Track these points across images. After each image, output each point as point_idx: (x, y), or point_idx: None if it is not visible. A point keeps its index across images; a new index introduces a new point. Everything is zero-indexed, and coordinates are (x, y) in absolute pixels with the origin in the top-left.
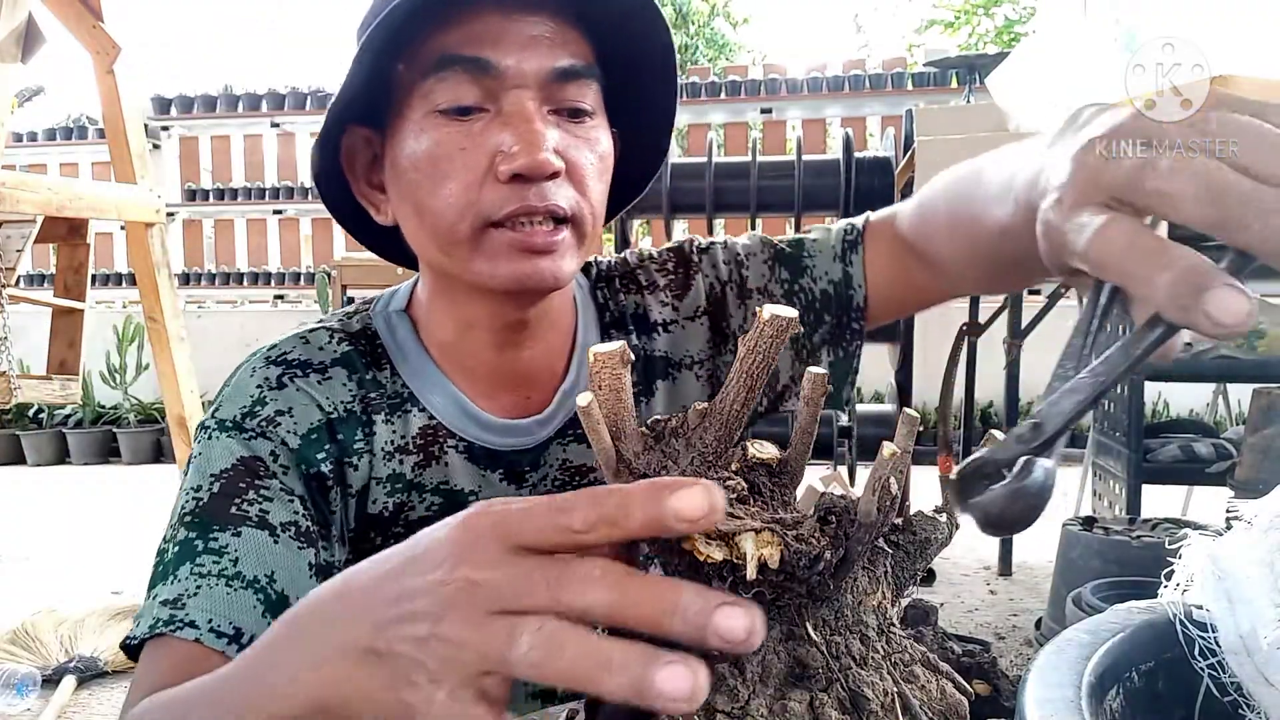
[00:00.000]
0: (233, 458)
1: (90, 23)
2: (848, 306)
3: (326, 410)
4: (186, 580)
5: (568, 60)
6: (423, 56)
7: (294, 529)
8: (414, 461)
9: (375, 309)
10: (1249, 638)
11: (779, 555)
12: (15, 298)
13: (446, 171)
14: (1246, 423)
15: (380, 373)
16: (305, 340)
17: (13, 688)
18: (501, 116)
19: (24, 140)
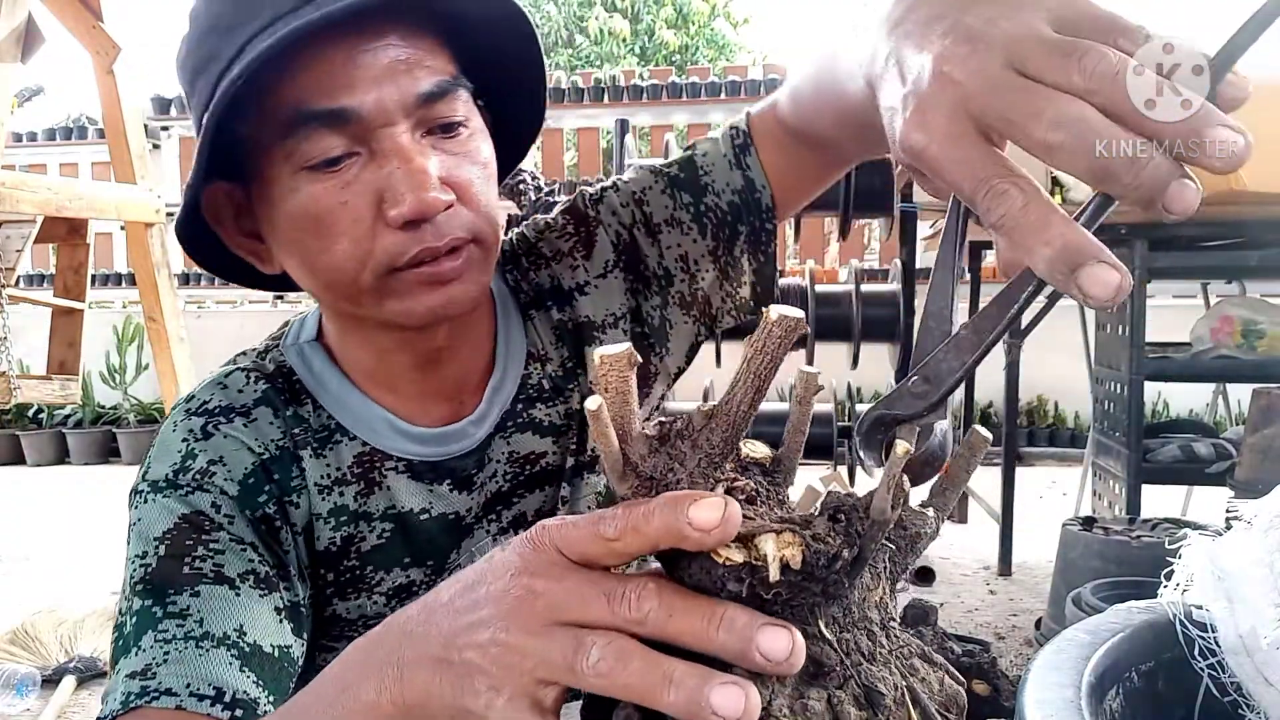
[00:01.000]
0: (173, 517)
1: (90, 23)
2: (757, 210)
3: (258, 452)
4: (152, 649)
5: (430, 81)
6: (276, 113)
7: (253, 577)
8: (355, 491)
9: (285, 343)
10: (1249, 638)
11: (800, 556)
12: (15, 298)
13: (332, 228)
14: (1246, 423)
15: (301, 408)
16: (223, 385)
17: (13, 688)
18: (377, 159)
19: (24, 140)
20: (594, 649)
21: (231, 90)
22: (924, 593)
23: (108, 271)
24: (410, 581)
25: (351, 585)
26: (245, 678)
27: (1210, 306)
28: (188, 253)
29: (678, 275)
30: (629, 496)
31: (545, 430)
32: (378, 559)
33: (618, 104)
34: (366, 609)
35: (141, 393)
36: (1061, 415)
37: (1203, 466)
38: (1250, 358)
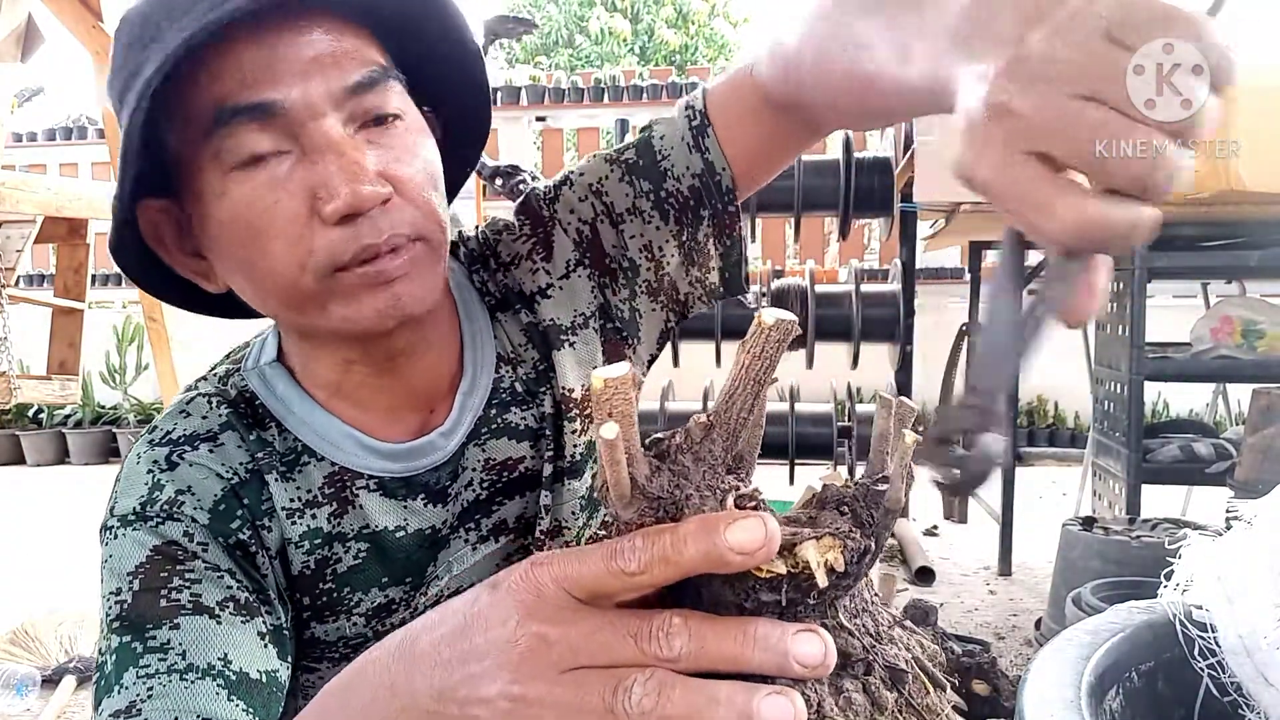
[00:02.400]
0: (145, 550)
1: (90, 23)
2: (719, 193)
3: (227, 477)
4: (134, 686)
5: (358, 72)
6: (197, 113)
7: (233, 604)
8: (328, 512)
9: (246, 367)
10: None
11: (842, 558)
12: (15, 298)
13: (266, 230)
14: (1246, 423)
15: (265, 432)
16: (185, 414)
17: (12, 688)
18: (308, 155)
19: (24, 140)
20: (635, 686)
21: (149, 90)
22: (924, 593)
23: (108, 271)
24: (389, 600)
25: (329, 608)
26: (234, 706)
27: (1210, 306)
28: (128, 275)
29: (643, 264)
30: (634, 520)
31: (521, 435)
32: (355, 580)
33: (618, 104)
34: (346, 630)
35: (141, 393)
36: (1061, 415)
37: (1203, 466)
38: (1250, 358)
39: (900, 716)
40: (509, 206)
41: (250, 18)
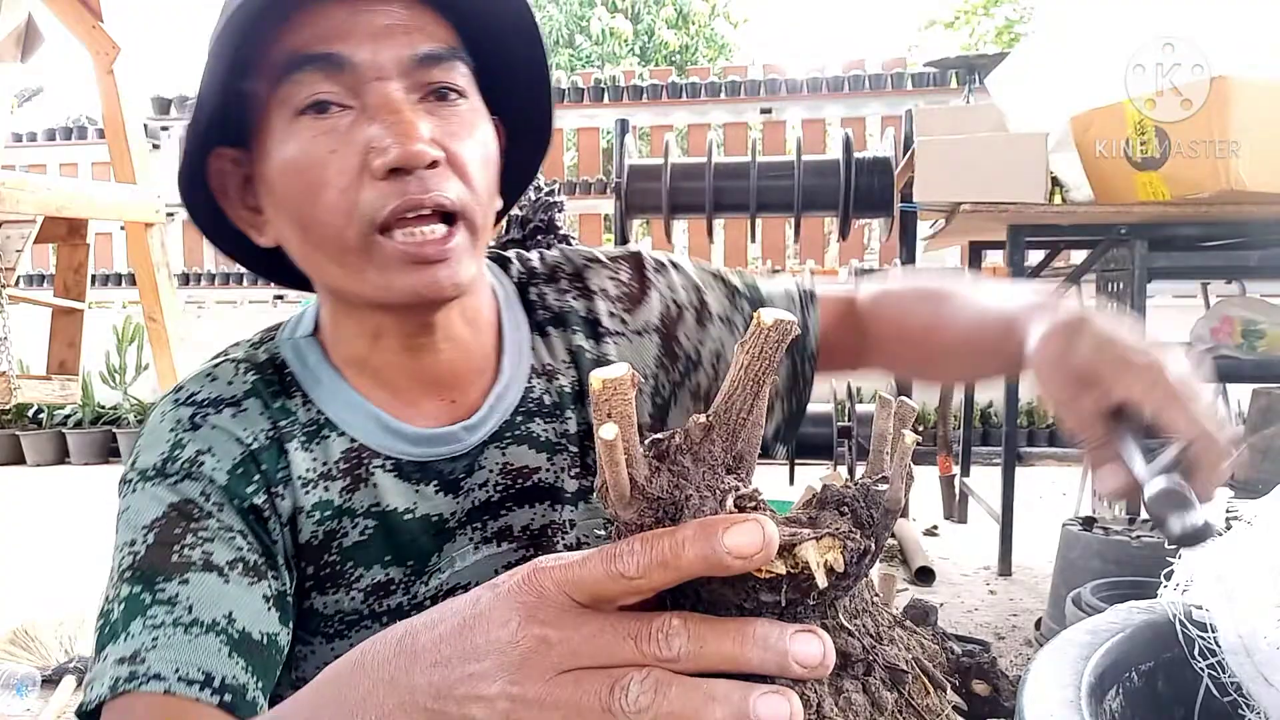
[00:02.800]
0: (162, 505)
1: (90, 23)
2: (804, 352)
3: (246, 442)
4: (140, 635)
5: (427, 45)
6: (273, 62)
7: (241, 565)
8: (340, 486)
9: (281, 336)
10: (1249, 637)
11: (842, 558)
12: (15, 298)
13: (320, 178)
14: (1246, 423)
15: (290, 400)
16: (212, 377)
17: (12, 688)
18: (367, 112)
19: (24, 140)
20: (633, 685)
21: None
22: (924, 593)
23: (108, 271)
24: (389, 580)
25: (330, 580)
26: (234, 664)
27: (1210, 306)
28: (192, 217)
29: (705, 367)
30: (634, 520)
31: (541, 446)
32: (358, 555)
33: (618, 104)
34: (344, 605)
35: (141, 393)
36: None
37: None
38: (1250, 358)
39: (900, 717)
40: None
41: None
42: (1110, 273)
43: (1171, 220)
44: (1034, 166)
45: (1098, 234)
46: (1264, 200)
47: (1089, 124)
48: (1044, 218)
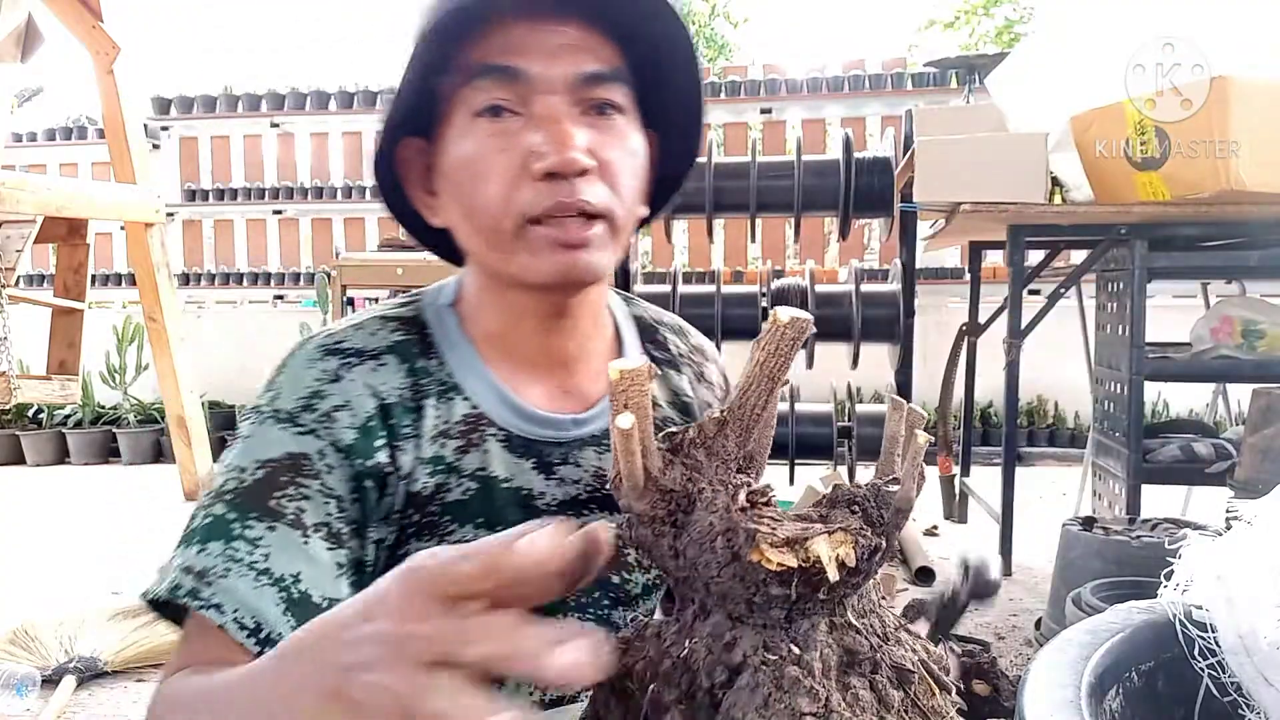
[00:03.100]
0: (282, 450)
1: (90, 23)
2: None
3: (381, 396)
4: (217, 558)
5: (593, 65)
6: (462, 68)
7: (325, 530)
8: (455, 446)
9: (425, 301)
10: (1249, 638)
11: (854, 554)
12: (15, 298)
13: (486, 173)
14: (1246, 423)
15: (429, 360)
16: (359, 327)
17: (12, 688)
18: (534, 120)
19: (24, 140)
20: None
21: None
22: (924, 593)
23: (108, 271)
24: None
25: (428, 529)
26: (285, 621)
27: (1210, 306)
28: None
29: None
30: (646, 512)
31: None
32: (456, 512)
33: None
34: None
35: (141, 393)
36: (1061, 415)
37: (1203, 466)
38: (1250, 358)
39: (907, 716)
40: None
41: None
42: (1110, 273)
43: (1171, 220)
44: (1034, 166)
45: (1098, 234)
46: (1264, 200)
47: (1089, 124)
48: (1044, 218)
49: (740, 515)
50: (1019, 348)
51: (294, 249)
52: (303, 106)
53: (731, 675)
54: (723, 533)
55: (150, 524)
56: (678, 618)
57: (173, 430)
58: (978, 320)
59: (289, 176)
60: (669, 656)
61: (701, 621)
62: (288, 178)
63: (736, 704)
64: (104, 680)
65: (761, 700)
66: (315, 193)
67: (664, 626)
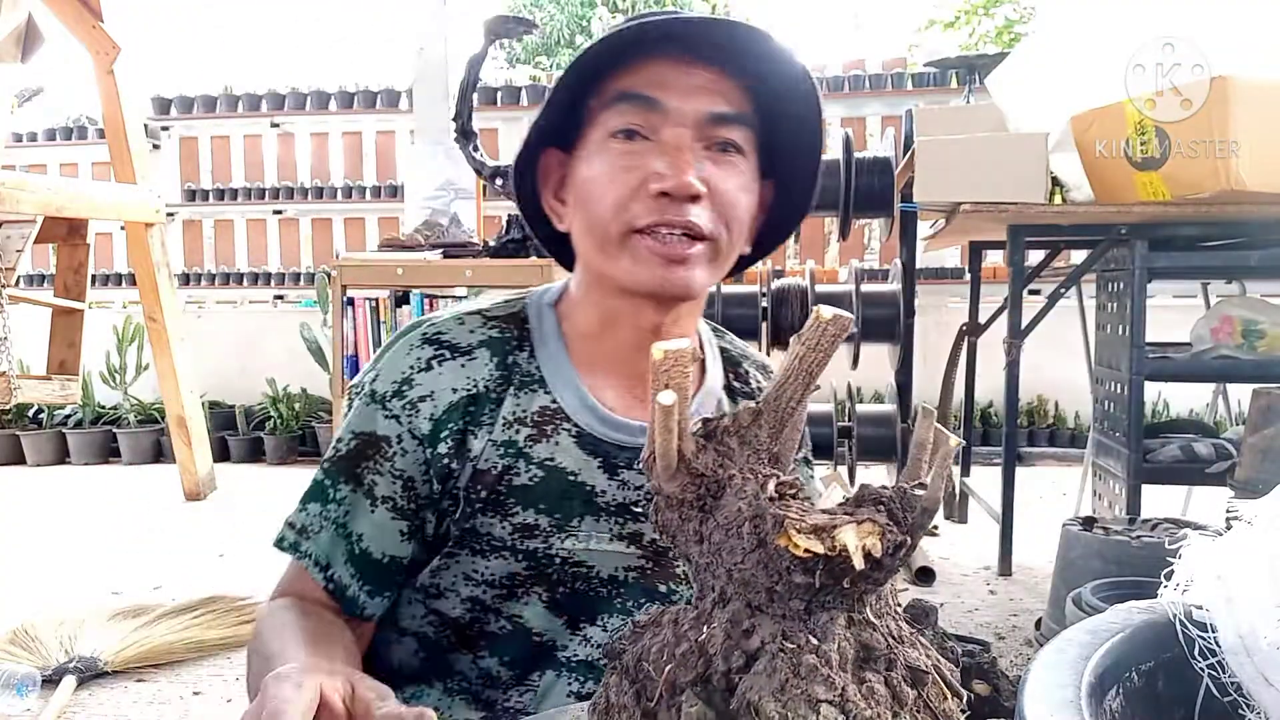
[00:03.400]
0: (370, 426)
1: (90, 23)
2: None
3: (465, 389)
4: (315, 518)
5: (722, 107)
6: (607, 93)
7: (391, 504)
8: (527, 434)
9: (530, 299)
10: (1249, 638)
11: (880, 545)
12: (15, 298)
13: (609, 185)
14: (1246, 423)
15: (521, 354)
16: (461, 321)
17: (13, 688)
18: (660, 146)
19: (24, 140)
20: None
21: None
22: (924, 593)
23: (108, 271)
24: (535, 524)
25: (494, 507)
26: (346, 570)
27: (1210, 306)
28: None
29: None
30: (675, 495)
31: None
32: (520, 494)
33: None
34: (495, 531)
35: (141, 393)
36: (1061, 415)
37: (1203, 466)
38: (1250, 358)
39: (919, 716)
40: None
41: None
42: (1110, 273)
43: (1171, 220)
44: (1034, 166)
45: (1098, 234)
46: (1264, 200)
47: (1089, 124)
48: (1044, 218)
49: (769, 503)
50: (1019, 348)
51: (294, 249)
52: (303, 106)
53: (749, 661)
54: (751, 519)
55: (150, 524)
56: (696, 605)
57: (173, 430)
58: (978, 320)
59: (289, 176)
60: (686, 640)
61: (720, 609)
62: (288, 178)
63: (753, 688)
64: (104, 680)
65: (778, 685)
66: (315, 193)
67: (681, 612)
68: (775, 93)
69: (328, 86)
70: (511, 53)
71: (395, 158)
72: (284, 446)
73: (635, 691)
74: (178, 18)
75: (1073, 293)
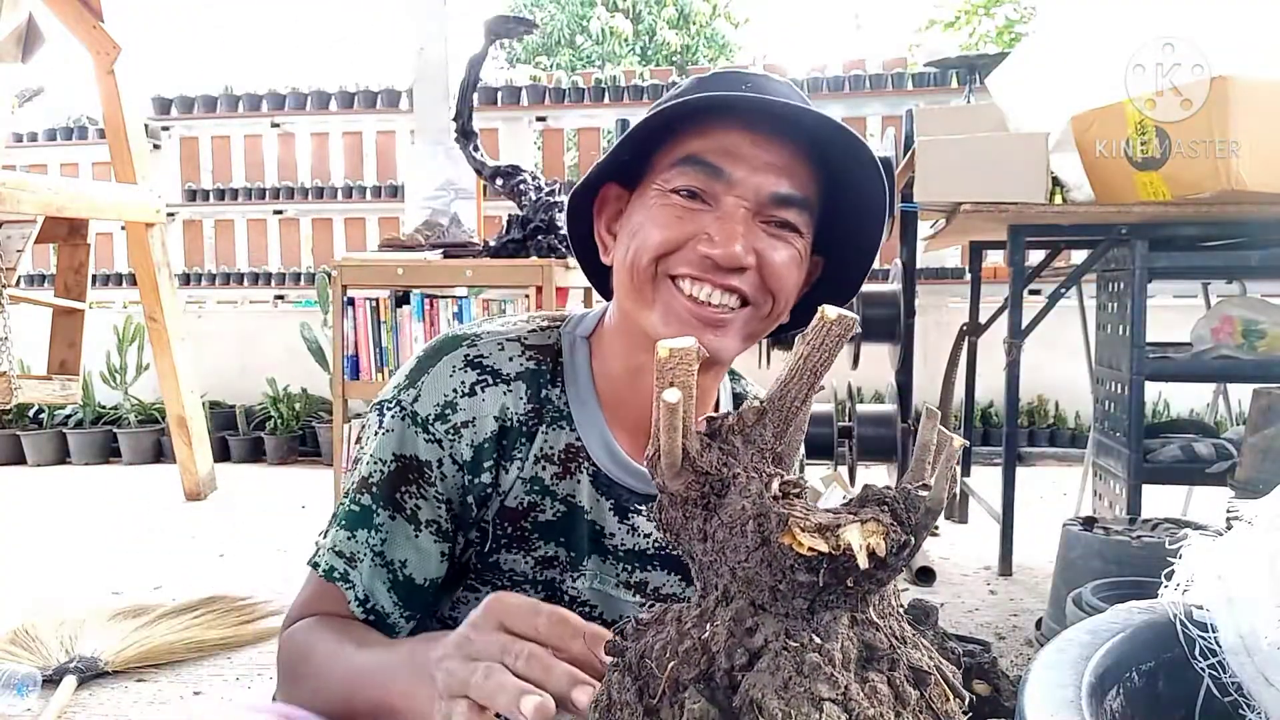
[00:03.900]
0: (413, 451)
1: (90, 23)
2: None
3: (504, 420)
4: (361, 545)
5: (787, 188)
6: (676, 150)
7: (434, 527)
8: (553, 471)
9: (565, 329)
10: (1249, 638)
11: (884, 544)
12: (16, 298)
13: (658, 230)
14: (1247, 423)
15: (553, 389)
16: (502, 348)
17: (13, 688)
18: (717, 212)
19: (24, 140)
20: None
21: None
22: (924, 593)
23: (108, 271)
24: (554, 556)
25: (518, 543)
26: (389, 598)
27: (1211, 306)
28: (568, 219)
29: None
30: (680, 492)
31: None
32: (543, 530)
33: (618, 104)
34: (517, 565)
35: (142, 393)
36: (1062, 415)
37: (1203, 466)
38: (1251, 358)
39: (921, 717)
40: (509, 206)
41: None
42: (1110, 273)
43: (1172, 220)
44: (1034, 166)
45: (1098, 234)
46: (1264, 200)
47: (1089, 124)
48: (1044, 218)
49: (773, 502)
50: (1019, 348)
51: (294, 249)
52: (303, 106)
53: (752, 659)
54: (755, 517)
55: (151, 524)
56: (699, 603)
57: (173, 430)
58: (978, 320)
59: (289, 176)
60: (689, 638)
61: (724, 607)
62: (288, 178)
63: (756, 685)
64: (104, 680)
65: (781, 683)
66: (316, 193)
67: (684, 611)
68: (841, 179)
69: (328, 86)
70: (511, 53)
71: (395, 158)
72: (284, 446)
73: (638, 689)
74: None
75: (1073, 293)
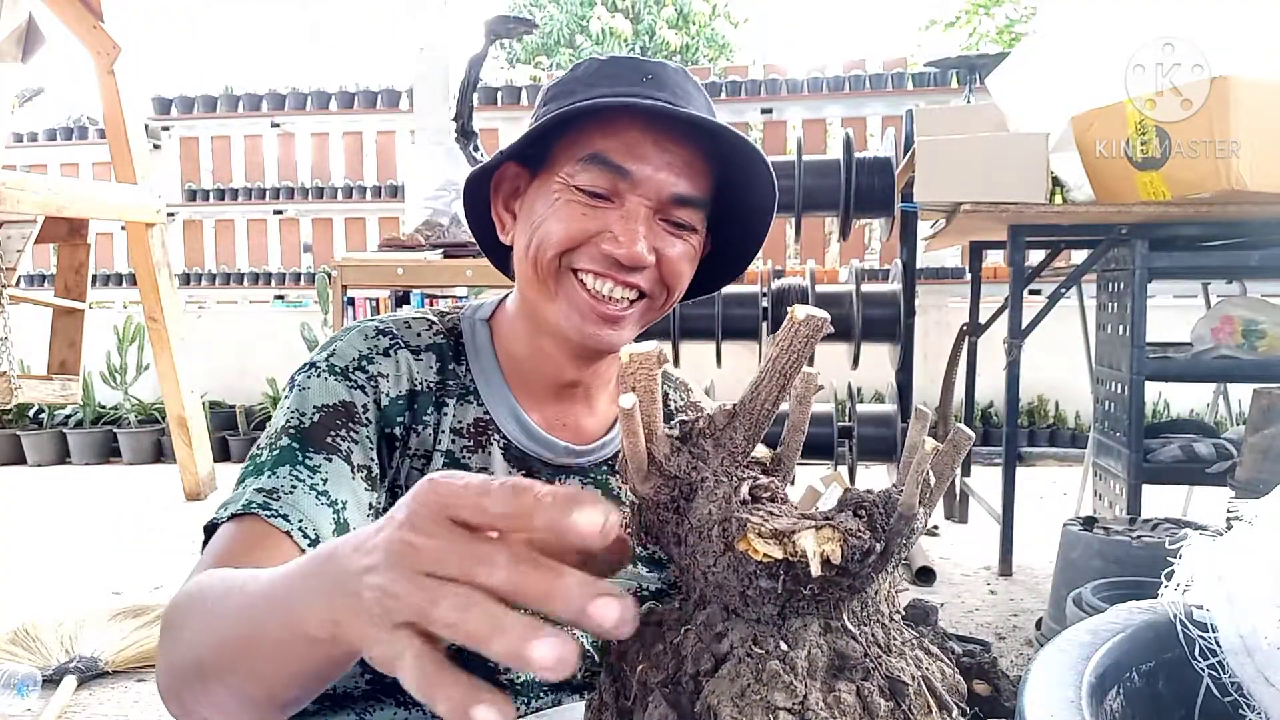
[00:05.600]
0: (336, 398)
1: (90, 23)
2: None
3: (414, 384)
4: (285, 479)
5: (686, 189)
6: (583, 144)
7: (366, 472)
8: (464, 445)
9: (464, 314)
10: (1249, 638)
11: (840, 551)
12: (16, 298)
13: (562, 225)
14: (1247, 423)
15: (458, 366)
16: (409, 325)
17: (13, 688)
18: (621, 211)
19: (24, 140)
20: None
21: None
22: (924, 593)
23: (108, 271)
24: None
25: None
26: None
27: (1211, 306)
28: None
29: None
30: (650, 496)
31: (611, 498)
32: None
33: None
34: None
35: (142, 393)
36: (1062, 415)
37: (1203, 466)
38: (1251, 357)
39: None
40: None
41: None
42: (1110, 273)
43: (1172, 220)
44: (1034, 166)
45: (1098, 234)
46: (1264, 200)
47: (1089, 124)
48: (1044, 218)
49: (738, 506)
50: (1019, 348)
51: (294, 249)
52: (303, 106)
53: (717, 664)
54: (720, 522)
55: (150, 524)
56: (680, 605)
57: (173, 430)
58: (978, 320)
59: (289, 176)
60: (662, 641)
61: (700, 611)
62: (288, 178)
63: (714, 692)
64: (104, 680)
65: (739, 691)
66: (316, 193)
67: (666, 613)
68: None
69: (328, 86)
70: (511, 53)
71: (395, 158)
72: None
73: (615, 690)
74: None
75: (1073, 293)
